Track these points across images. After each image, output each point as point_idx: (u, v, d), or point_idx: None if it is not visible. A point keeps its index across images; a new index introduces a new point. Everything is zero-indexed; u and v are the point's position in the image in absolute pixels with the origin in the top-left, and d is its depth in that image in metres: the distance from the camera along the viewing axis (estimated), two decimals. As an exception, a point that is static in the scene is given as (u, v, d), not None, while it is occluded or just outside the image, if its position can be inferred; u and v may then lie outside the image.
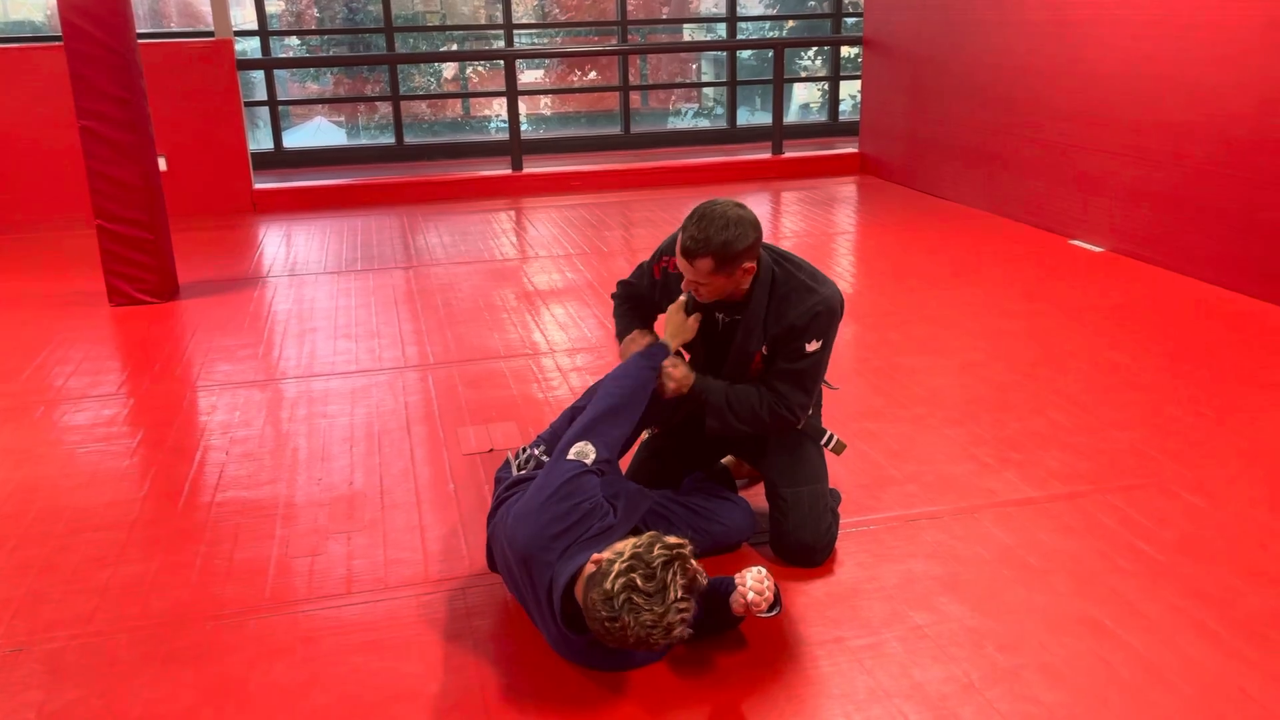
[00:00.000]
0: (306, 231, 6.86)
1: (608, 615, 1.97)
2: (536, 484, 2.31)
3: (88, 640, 2.41)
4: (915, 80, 7.63)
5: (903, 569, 2.63)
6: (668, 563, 1.99)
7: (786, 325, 2.52)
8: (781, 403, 2.58)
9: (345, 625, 2.45)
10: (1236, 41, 4.76)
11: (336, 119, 10.06)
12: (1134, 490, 3.01)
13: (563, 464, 2.31)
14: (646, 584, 1.96)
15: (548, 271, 5.67)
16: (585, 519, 2.20)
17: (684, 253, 2.43)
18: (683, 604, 2.00)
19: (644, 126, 9.97)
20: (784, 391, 2.57)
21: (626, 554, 2.01)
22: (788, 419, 2.60)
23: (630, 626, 1.96)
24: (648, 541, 2.04)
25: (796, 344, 2.53)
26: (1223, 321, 4.50)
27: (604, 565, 2.03)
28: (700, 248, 2.39)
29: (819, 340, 2.54)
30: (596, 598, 1.99)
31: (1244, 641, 2.30)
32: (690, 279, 2.49)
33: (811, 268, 2.61)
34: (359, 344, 4.52)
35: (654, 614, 1.96)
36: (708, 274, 2.44)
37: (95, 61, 4.80)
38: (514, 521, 2.27)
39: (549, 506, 2.21)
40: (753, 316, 2.56)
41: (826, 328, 2.54)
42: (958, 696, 2.15)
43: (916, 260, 5.72)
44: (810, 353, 2.53)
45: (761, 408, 2.59)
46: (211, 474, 3.28)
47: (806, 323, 2.51)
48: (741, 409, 2.59)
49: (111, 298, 5.14)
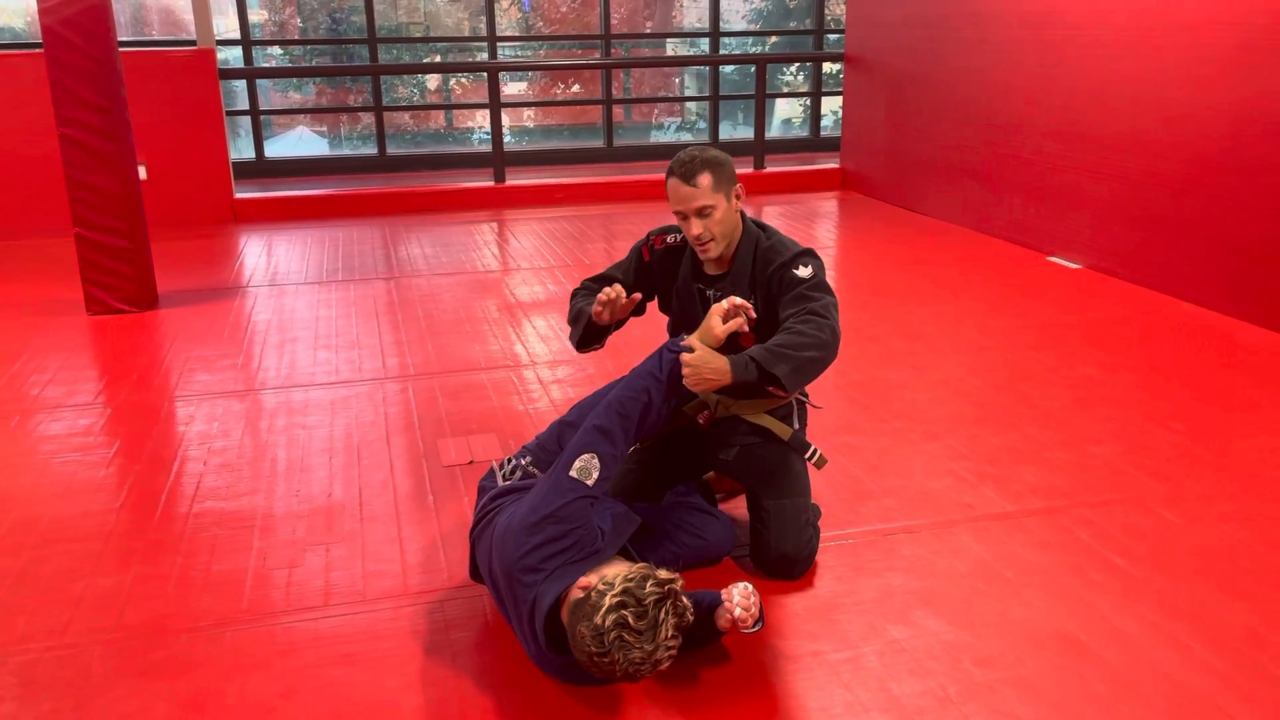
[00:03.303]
0: (287, 241, 6.84)
1: (597, 651, 1.96)
2: (531, 500, 2.26)
3: (62, 652, 2.39)
4: (896, 97, 7.69)
5: (881, 583, 2.65)
6: (659, 600, 1.97)
7: (774, 269, 2.59)
8: (811, 316, 2.44)
9: (323, 637, 2.44)
10: (1210, 63, 4.83)
11: (319, 129, 10.04)
12: (1109, 505, 3.04)
13: (563, 483, 2.24)
14: (638, 622, 1.94)
15: (529, 283, 5.68)
16: (576, 545, 2.18)
17: (683, 174, 2.55)
18: (672, 642, 1.99)
19: (627, 140, 10.00)
20: (805, 306, 2.48)
21: (617, 587, 1.98)
22: (826, 324, 2.43)
23: (619, 663, 1.96)
24: (639, 576, 2.00)
25: (787, 275, 2.57)
26: (1198, 339, 4.55)
27: (593, 597, 1.99)
28: (696, 164, 2.55)
29: (807, 266, 2.57)
30: (586, 632, 1.96)
31: (1217, 656, 2.33)
32: (694, 209, 2.54)
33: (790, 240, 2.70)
34: (339, 355, 4.50)
35: (644, 651, 1.96)
36: (711, 191, 2.53)
37: (76, 69, 4.78)
38: (503, 535, 2.24)
39: (542, 527, 2.17)
40: (738, 276, 2.64)
41: (811, 257, 2.60)
42: (934, 710, 2.16)
43: (896, 275, 5.76)
44: (806, 276, 2.55)
45: (804, 328, 2.41)
46: (189, 485, 3.26)
47: (791, 258, 2.58)
48: (795, 344, 2.39)
49: (89, 306, 5.11)
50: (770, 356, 2.38)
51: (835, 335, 2.46)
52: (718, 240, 2.60)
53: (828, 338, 2.43)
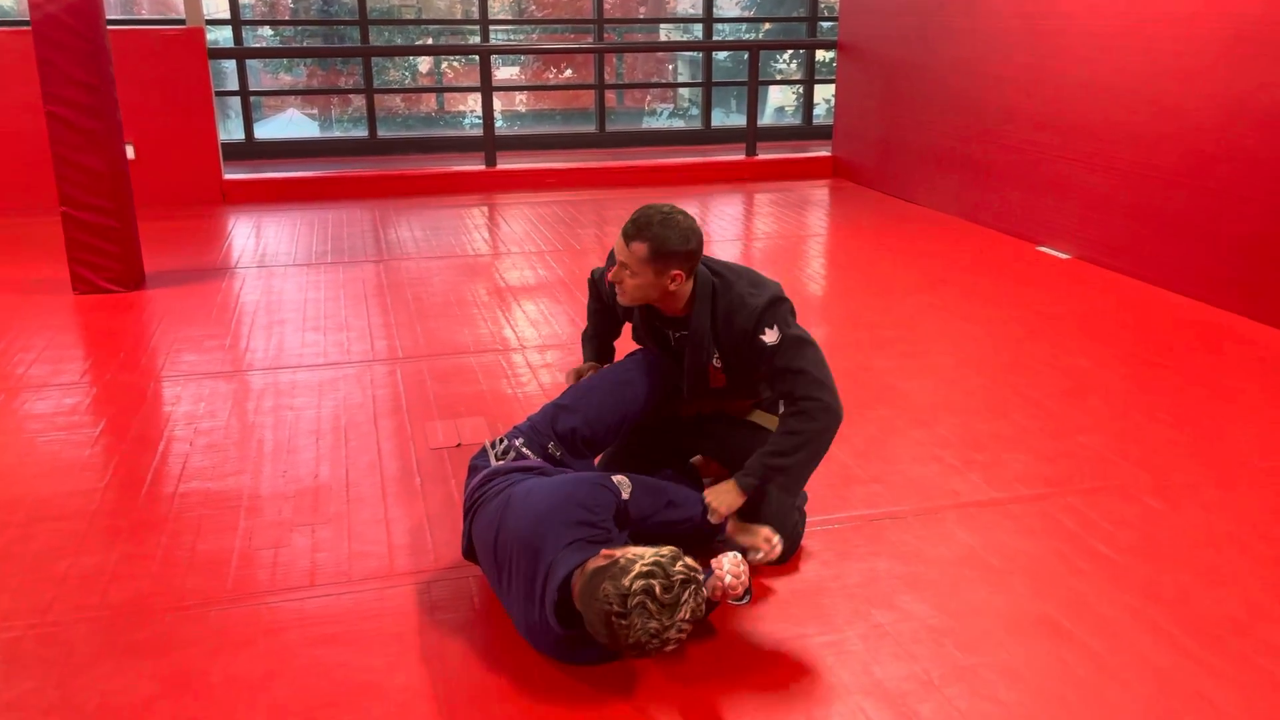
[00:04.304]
0: (276, 223, 6.80)
1: (619, 611, 1.98)
2: (566, 476, 2.38)
3: (45, 630, 2.38)
4: (889, 85, 7.68)
5: (866, 568, 2.65)
6: (686, 581, 2.02)
7: (737, 333, 2.52)
8: (800, 404, 2.47)
9: (309, 618, 2.44)
10: (1203, 55, 4.83)
11: (309, 111, 9.98)
12: (1095, 493, 3.05)
13: (600, 480, 2.35)
14: (664, 594, 1.98)
15: (520, 268, 5.66)
16: (598, 527, 2.23)
17: (623, 233, 2.48)
18: (685, 625, 2.03)
19: (619, 125, 9.98)
20: (790, 390, 2.48)
21: (649, 558, 2.03)
22: (817, 408, 2.45)
23: (635, 628, 1.98)
24: (670, 554, 2.05)
25: (755, 344, 2.51)
26: (1186, 329, 4.57)
27: (623, 562, 2.03)
28: (639, 232, 2.44)
29: (772, 327, 2.49)
30: (611, 590, 1.99)
31: (1198, 643, 2.34)
32: (620, 261, 2.50)
33: (751, 273, 2.61)
34: (327, 337, 4.49)
35: (660, 624, 1.99)
36: (639, 261, 2.45)
37: (64, 47, 4.74)
38: (533, 496, 2.28)
39: (579, 495, 2.26)
40: (699, 328, 2.57)
41: (773, 315, 2.50)
42: (917, 694, 2.17)
43: (886, 264, 5.76)
44: (774, 344, 2.49)
45: (796, 425, 2.46)
46: (175, 465, 3.25)
47: (754, 324, 2.50)
48: (789, 448, 2.46)
49: (76, 286, 5.08)
50: (768, 471, 2.47)
51: (831, 414, 2.47)
52: (626, 294, 2.55)
53: (821, 426, 2.46)
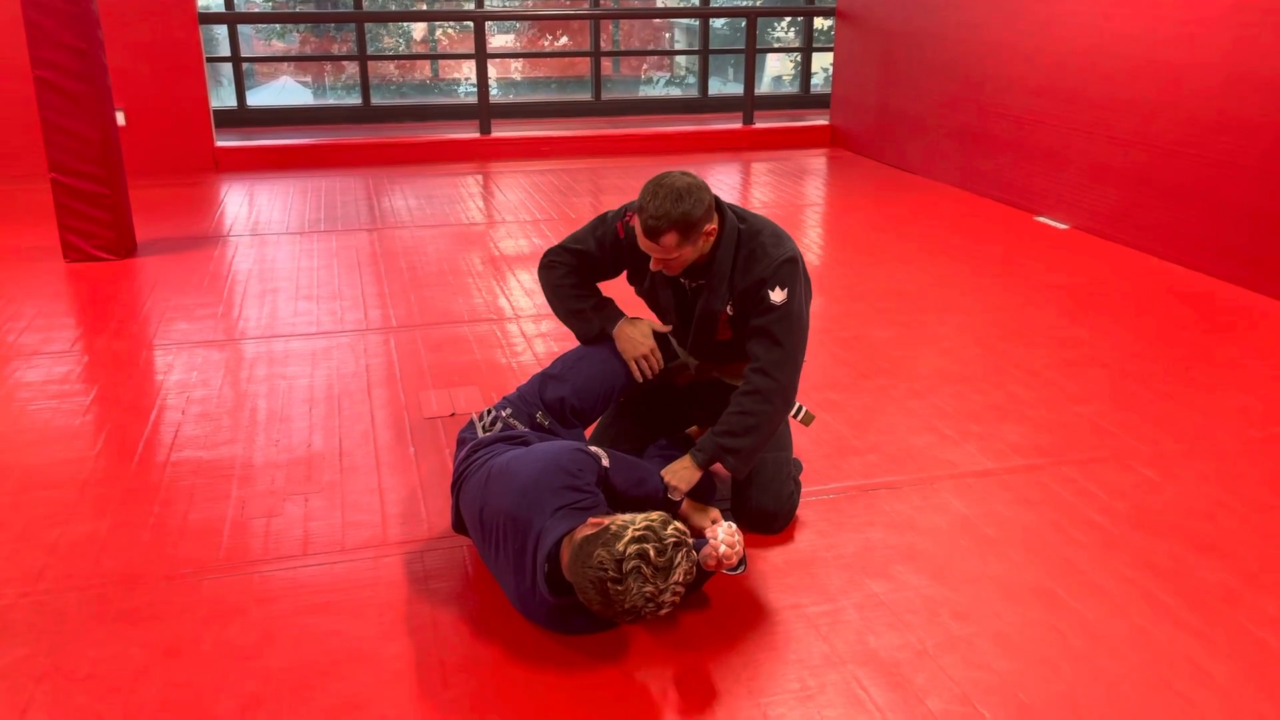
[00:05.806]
0: (269, 191, 6.74)
1: (614, 576, 1.97)
2: (547, 444, 2.35)
3: (37, 598, 2.37)
4: (887, 54, 7.61)
5: (861, 538, 2.65)
6: (678, 544, 2.02)
7: (753, 281, 2.52)
8: (761, 377, 2.48)
9: (301, 586, 2.43)
10: (1203, 23, 4.78)
11: (303, 78, 9.87)
12: (1090, 463, 3.05)
13: (580, 447, 2.33)
14: (658, 558, 1.99)
15: (514, 237, 5.62)
16: (583, 491, 2.22)
17: (648, 234, 2.43)
18: (679, 587, 2.03)
19: (615, 93, 9.88)
20: (760, 355, 2.50)
21: (640, 524, 2.03)
22: (773, 390, 2.48)
23: (630, 593, 1.97)
24: (661, 519, 2.06)
25: (761, 294, 2.50)
26: (1183, 299, 4.55)
27: (614, 528, 2.02)
28: (663, 224, 2.39)
29: (784, 289, 2.49)
30: (606, 556, 1.98)
31: (1191, 612, 2.34)
32: (659, 258, 2.48)
33: (774, 228, 2.60)
34: (320, 305, 4.45)
35: (655, 588, 1.99)
36: (675, 247, 2.44)
37: (52, 10, 4.66)
38: (515, 466, 2.27)
39: (562, 461, 2.24)
40: (717, 275, 2.56)
41: (790, 276, 2.50)
42: (911, 663, 2.17)
43: (883, 233, 5.73)
44: (778, 304, 2.49)
45: (750, 405, 2.48)
46: (167, 433, 3.23)
47: (771, 273, 2.49)
48: (741, 429, 2.48)
49: (66, 253, 5.03)
50: (719, 450, 2.50)
51: (784, 400, 2.51)
52: (675, 270, 2.54)
53: (773, 410, 2.50)
